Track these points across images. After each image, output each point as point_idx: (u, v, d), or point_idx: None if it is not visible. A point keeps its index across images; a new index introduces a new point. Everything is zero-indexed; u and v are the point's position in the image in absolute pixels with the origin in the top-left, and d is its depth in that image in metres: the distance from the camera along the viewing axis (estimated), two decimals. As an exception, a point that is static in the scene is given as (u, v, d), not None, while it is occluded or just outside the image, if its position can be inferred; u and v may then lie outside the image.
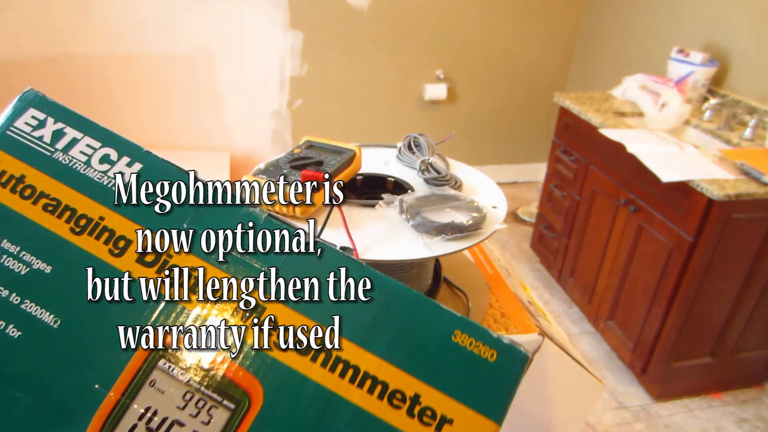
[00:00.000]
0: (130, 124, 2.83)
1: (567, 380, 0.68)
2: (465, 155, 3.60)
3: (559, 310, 2.43)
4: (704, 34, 2.31)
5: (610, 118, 2.09)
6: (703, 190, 1.57)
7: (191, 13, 2.65)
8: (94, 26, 2.57)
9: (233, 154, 3.06)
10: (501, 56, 3.16)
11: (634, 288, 1.95)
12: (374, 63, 3.01)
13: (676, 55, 2.21)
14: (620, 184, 1.98)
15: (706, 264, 1.66)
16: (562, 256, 2.44)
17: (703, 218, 1.61)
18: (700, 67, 2.12)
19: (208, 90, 2.86)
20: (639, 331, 1.93)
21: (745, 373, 2.01)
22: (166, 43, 2.69)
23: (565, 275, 2.43)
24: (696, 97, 2.17)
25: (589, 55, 3.13)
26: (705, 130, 2.06)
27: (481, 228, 0.60)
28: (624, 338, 2.03)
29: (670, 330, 1.80)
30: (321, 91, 3.02)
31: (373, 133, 3.21)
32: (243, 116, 2.98)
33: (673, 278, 1.74)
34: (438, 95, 3.11)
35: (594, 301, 2.21)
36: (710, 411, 1.94)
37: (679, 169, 1.65)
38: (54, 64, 2.60)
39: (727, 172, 1.64)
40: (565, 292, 2.49)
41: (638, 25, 2.72)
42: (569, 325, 2.33)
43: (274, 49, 2.84)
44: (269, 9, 2.73)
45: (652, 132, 1.97)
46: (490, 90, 3.26)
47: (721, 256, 1.66)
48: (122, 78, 2.72)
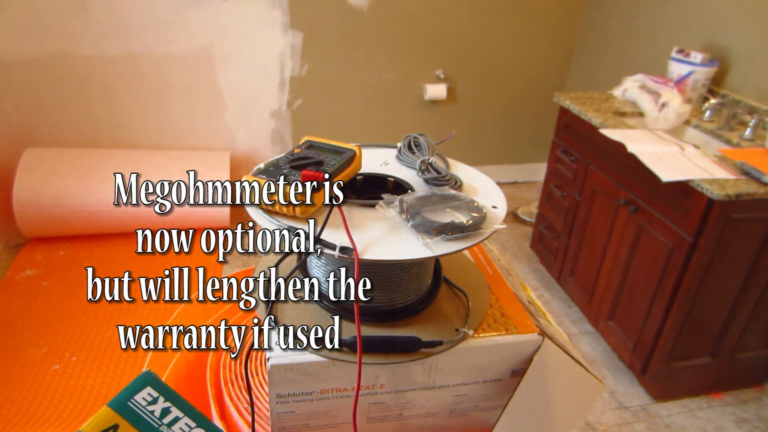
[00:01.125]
0: (130, 124, 2.83)
1: (567, 380, 0.68)
2: (465, 155, 3.62)
3: (559, 310, 2.43)
4: (704, 34, 2.31)
5: (610, 118, 2.09)
6: (704, 190, 1.57)
7: (191, 14, 2.65)
8: (94, 26, 2.57)
9: (233, 154, 3.06)
10: (501, 56, 3.17)
11: (634, 288, 1.95)
12: (374, 63, 3.01)
13: (676, 55, 2.21)
14: (620, 184, 1.98)
15: (706, 264, 1.66)
16: (562, 256, 2.44)
17: (704, 218, 1.61)
18: (700, 67, 2.12)
19: (209, 90, 2.86)
20: (639, 331, 1.93)
21: (745, 373, 2.01)
22: (166, 44, 2.69)
23: (565, 275, 2.43)
24: (696, 97, 2.17)
25: (589, 55, 3.14)
26: (705, 130, 2.06)
27: (481, 228, 0.60)
28: (624, 338, 2.03)
29: (670, 330, 1.80)
30: (321, 91, 3.02)
31: (374, 133, 3.21)
32: (243, 116, 2.98)
33: (673, 278, 1.74)
34: (438, 95, 3.12)
35: (594, 301, 2.21)
36: (710, 411, 1.94)
37: (679, 169, 1.65)
38: (54, 64, 2.60)
39: (727, 172, 1.64)
40: (565, 292, 2.49)
41: (638, 25, 2.72)
42: (569, 325, 2.33)
43: (274, 50, 2.84)
44: (269, 9, 2.73)
45: (652, 132, 1.97)
46: (490, 90, 3.26)
47: (721, 256, 1.66)
48: (122, 78, 2.72)
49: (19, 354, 1.97)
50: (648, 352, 1.90)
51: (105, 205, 2.52)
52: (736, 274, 1.72)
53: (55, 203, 2.47)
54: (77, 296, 2.28)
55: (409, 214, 0.60)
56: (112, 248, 2.61)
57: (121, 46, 2.64)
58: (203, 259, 2.58)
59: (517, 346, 0.65)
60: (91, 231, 2.62)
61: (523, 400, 0.67)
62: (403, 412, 0.66)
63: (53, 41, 2.56)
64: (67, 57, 2.60)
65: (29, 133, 2.73)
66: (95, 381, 1.87)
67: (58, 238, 2.64)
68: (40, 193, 2.45)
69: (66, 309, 2.20)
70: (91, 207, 2.51)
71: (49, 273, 2.41)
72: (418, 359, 0.61)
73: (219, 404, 0.73)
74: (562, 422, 0.70)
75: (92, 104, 2.74)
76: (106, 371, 1.91)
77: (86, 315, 2.17)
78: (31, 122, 2.71)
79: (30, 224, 2.50)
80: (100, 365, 1.94)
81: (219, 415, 0.70)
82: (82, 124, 2.77)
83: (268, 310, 0.65)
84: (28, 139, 2.74)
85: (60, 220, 2.52)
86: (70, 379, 1.87)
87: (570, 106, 2.23)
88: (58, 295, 2.27)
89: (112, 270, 2.45)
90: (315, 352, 0.60)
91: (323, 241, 0.56)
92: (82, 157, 2.60)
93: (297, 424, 0.63)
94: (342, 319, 0.65)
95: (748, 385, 2.04)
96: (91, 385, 1.85)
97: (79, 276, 2.40)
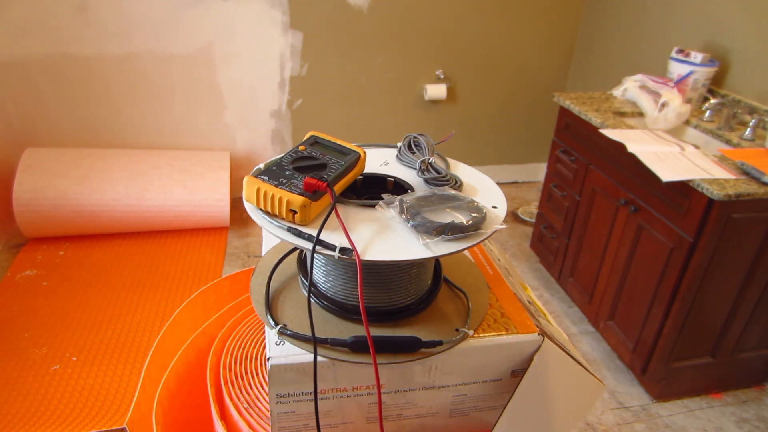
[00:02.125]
0: (130, 124, 2.83)
1: (567, 380, 0.68)
2: (465, 155, 3.62)
3: (559, 310, 2.43)
4: (704, 34, 2.31)
5: (610, 118, 2.09)
6: (704, 190, 1.57)
7: (191, 13, 2.65)
8: (94, 26, 2.57)
9: (233, 154, 3.06)
10: (501, 56, 3.17)
11: (634, 288, 1.95)
12: (374, 63, 3.01)
13: (676, 54, 2.21)
14: (620, 184, 1.98)
15: (706, 264, 1.66)
16: (562, 256, 2.43)
17: (704, 218, 1.61)
18: (700, 67, 2.12)
19: (209, 90, 2.86)
20: (639, 331, 1.93)
21: (746, 373, 2.01)
22: (166, 43, 2.69)
23: (565, 275, 2.43)
24: (696, 96, 2.17)
25: (589, 55, 3.13)
26: (705, 129, 2.06)
27: (481, 228, 0.60)
28: (624, 338, 2.03)
29: (670, 330, 1.80)
30: (321, 91, 3.02)
31: (373, 132, 3.21)
32: (243, 116, 2.98)
33: (673, 278, 1.74)
34: (438, 95, 3.12)
35: (594, 301, 2.21)
36: (710, 411, 1.94)
37: (679, 169, 1.65)
38: (54, 63, 2.60)
39: (727, 172, 1.64)
40: (565, 292, 2.49)
41: (638, 25, 2.72)
42: (569, 325, 2.33)
43: (274, 49, 2.84)
44: (269, 9, 2.73)
45: (652, 132, 1.96)
46: (490, 90, 3.26)
47: (722, 256, 1.66)
48: (122, 78, 2.72)
49: (19, 354, 1.97)
50: (648, 352, 1.89)
51: (105, 204, 2.52)
52: (737, 273, 1.72)
53: (55, 203, 2.47)
54: (77, 296, 2.28)
55: (409, 215, 0.60)
56: (113, 248, 2.61)
57: (121, 46, 2.64)
58: (203, 259, 2.58)
59: (517, 346, 0.65)
60: (91, 231, 2.62)
61: (524, 400, 0.67)
62: (402, 412, 0.66)
63: (53, 41, 2.56)
64: (67, 57, 2.60)
65: (29, 132, 2.73)
66: (95, 381, 1.87)
67: (58, 238, 2.64)
68: (40, 193, 2.45)
69: (66, 309, 2.20)
70: (91, 207, 2.51)
71: (49, 273, 2.41)
72: (418, 359, 0.61)
73: (219, 404, 0.73)
74: (562, 422, 0.70)
75: (92, 104, 2.74)
76: (105, 371, 1.91)
77: (86, 315, 2.17)
78: (31, 122, 2.71)
79: (30, 224, 2.50)
80: (100, 365, 1.94)
81: (219, 415, 0.70)
82: (82, 123, 2.77)
83: (267, 310, 0.65)
84: (28, 138, 2.74)
85: (60, 220, 2.52)
86: (70, 379, 1.87)
87: (570, 106, 2.23)
88: (59, 295, 2.27)
89: (112, 270, 2.45)
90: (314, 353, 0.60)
91: (323, 242, 0.56)
92: (82, 157, 2.60)
93: (297, 425, 0.63)
94: (342, 319, 0.65)
95: (749, 385, 2.04)
96: (91, 385, 1.85)
97: (79, 276, 2.40)
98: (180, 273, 2.47)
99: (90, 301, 2.26)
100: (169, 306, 2.25)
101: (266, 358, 0.58)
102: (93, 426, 1.68)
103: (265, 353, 0.59)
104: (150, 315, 2.19)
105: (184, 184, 2.62)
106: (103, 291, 2.32)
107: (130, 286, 2.36)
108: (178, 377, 0.77)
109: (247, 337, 0.80)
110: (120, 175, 2.56)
